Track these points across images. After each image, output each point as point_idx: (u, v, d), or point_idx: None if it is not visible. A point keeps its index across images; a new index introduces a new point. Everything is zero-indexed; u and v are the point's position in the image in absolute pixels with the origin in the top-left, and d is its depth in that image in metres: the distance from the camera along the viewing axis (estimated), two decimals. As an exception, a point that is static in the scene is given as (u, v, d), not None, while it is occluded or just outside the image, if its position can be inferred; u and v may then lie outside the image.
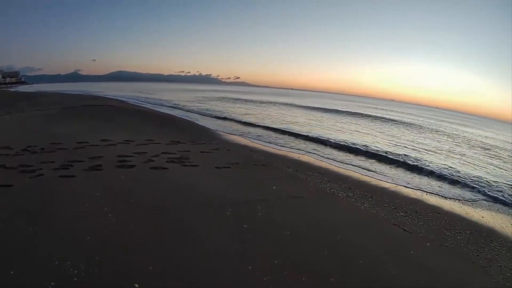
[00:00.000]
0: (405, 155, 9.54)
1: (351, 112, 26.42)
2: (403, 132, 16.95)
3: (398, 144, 12.00)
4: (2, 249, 2.54)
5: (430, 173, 7.50)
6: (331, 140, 10.42)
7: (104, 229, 2.98)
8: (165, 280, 2.35)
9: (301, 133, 11.29)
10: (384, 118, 24.37)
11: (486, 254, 3.52)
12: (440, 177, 7.31)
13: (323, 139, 10.49)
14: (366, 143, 10.73)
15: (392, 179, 6.61)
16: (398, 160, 8.62)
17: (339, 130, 14.03)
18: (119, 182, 4.33)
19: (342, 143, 10.20)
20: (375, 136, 13.60)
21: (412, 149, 11.20)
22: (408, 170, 7.57)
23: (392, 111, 40.44)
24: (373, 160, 8.24)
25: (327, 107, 29.12)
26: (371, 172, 6.99)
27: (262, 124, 13.06)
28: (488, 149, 14.63)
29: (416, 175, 7.22)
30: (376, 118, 23.72)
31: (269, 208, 3.93)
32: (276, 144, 9.25)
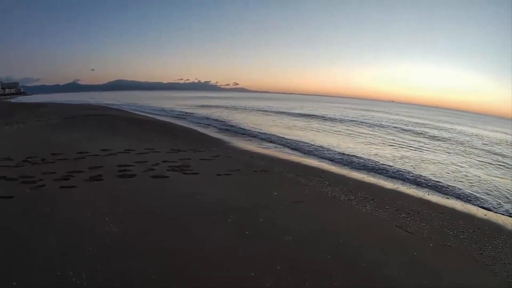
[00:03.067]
0: (404, 155, 9.55)
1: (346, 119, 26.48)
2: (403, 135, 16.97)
3: (395, 144, 12.03)
4: (4, 260, 2.54)
5: (431, 174, 7.49)
6: (328, 148, 10.42)
7: (106, 238, 2.98)
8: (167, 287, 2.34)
9: (301, 140, 11.24)
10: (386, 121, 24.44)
11: (490, 252, 3.50)
12: (441, 176, 7.30)
13: (323, 146, 10.51)
14: (364, 147, 10.73)
15: (393, 181, 6.59)
16: (398, 160, 8.64)
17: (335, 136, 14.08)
18: (120, 192, 4.34)
19: (337, 149, 10.21)
20: (376, 139, 13.63)
21: (411, 148, 11.23)
22: (409, 171, 7.54)
23: (392, 113, 40.56)
24: (374, 163, 8.24)
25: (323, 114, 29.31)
26: (372, 175, 6.98)
27: (261, 130, 13.07)
28: (489, 148, 14.62)
29: (417, 176, 7.19)
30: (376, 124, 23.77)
31: (270, 214, 3.93)
32: (276, 150, 9.25)
